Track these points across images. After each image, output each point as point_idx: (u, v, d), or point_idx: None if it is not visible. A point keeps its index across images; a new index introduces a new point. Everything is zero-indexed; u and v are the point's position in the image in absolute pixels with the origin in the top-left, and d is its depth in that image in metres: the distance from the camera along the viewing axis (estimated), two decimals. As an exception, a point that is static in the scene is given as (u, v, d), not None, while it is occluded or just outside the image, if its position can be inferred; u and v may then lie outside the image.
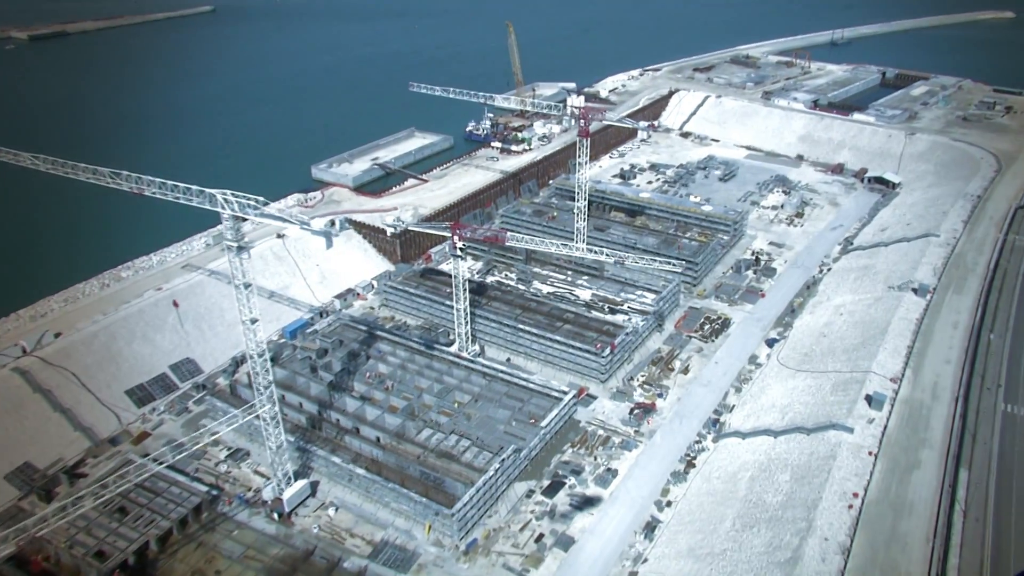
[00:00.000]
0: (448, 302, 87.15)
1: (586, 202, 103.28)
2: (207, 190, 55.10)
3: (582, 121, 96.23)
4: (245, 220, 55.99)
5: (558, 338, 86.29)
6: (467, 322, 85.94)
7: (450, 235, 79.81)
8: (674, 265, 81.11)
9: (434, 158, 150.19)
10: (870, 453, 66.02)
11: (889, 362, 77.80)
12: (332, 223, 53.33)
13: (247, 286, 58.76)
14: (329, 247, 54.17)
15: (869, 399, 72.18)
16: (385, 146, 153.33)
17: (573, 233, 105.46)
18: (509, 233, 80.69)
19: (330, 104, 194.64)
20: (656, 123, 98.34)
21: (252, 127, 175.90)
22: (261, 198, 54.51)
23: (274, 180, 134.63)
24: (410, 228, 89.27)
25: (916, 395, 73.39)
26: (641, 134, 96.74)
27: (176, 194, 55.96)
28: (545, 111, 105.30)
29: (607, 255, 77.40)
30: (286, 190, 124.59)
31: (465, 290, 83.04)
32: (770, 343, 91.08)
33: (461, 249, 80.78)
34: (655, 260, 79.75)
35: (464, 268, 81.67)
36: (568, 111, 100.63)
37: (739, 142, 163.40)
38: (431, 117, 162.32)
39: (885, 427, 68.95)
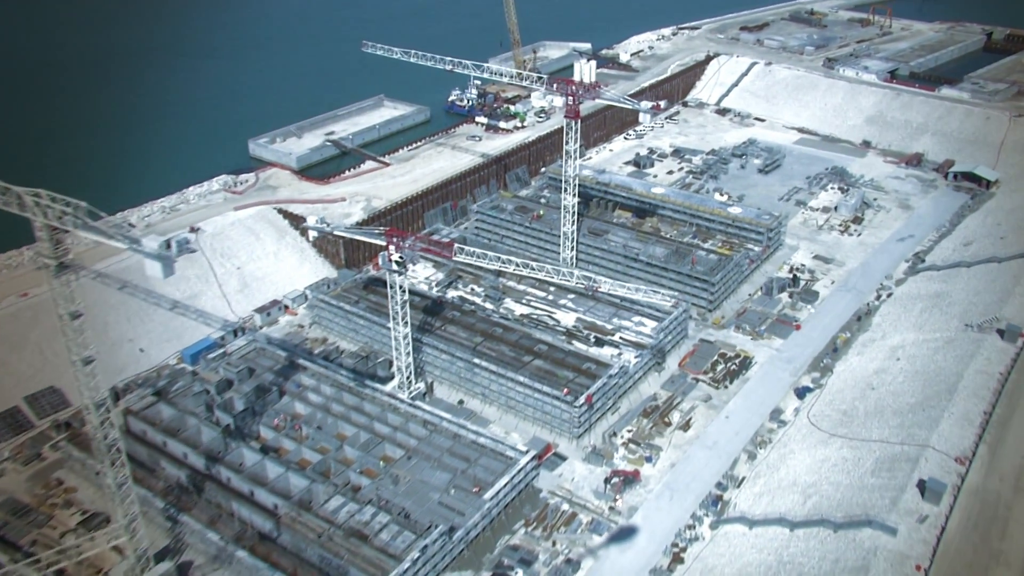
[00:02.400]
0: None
1: (575, 200, 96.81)
2: (14, 188, 47.99)
3: (570, 99, 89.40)
4: (66, 232, 48.80)
5: (520, 378, 79.68)
6: (409, 353, 79.52)
7: (385, 244, 72.94)
8: (663, 296, 72.21)
9: (405, 134, 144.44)
10: (918, 568, 57.45)
11: (956, 434, 69.56)
12: (167, 245, 45.69)
13: (75, 316, 51.82)
14: (168, 275, 46.86)
15: (923, 487, 63.79)
16: (345, 117, 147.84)
17: (560, 238, 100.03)
18: (459, 244, 73.12)
19: (284, 61, 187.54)
20: (662, 103, 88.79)
21: (183, 86, 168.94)
22: (84, 204, 47.23)
23: (200, 156, 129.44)
24: (336, 233, 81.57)
25: (991, 485, 64.98)
26: (643, 118, 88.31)
27: (-27, 190, 48.85)
28: (524, 83, 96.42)
29: (578, 280, 69.08)
30: (212, 170, 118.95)
31: (405, 312, 76.26)
32: (800, 393, 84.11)
33: (399, 262, 73.80)
34: (639, 290, 70.59)
35: (405, 284, 75.04)
36: (551, 85, 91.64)
37: (790, 122, 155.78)
38: (407, 82, 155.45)
39: (943, 530, 60.66)
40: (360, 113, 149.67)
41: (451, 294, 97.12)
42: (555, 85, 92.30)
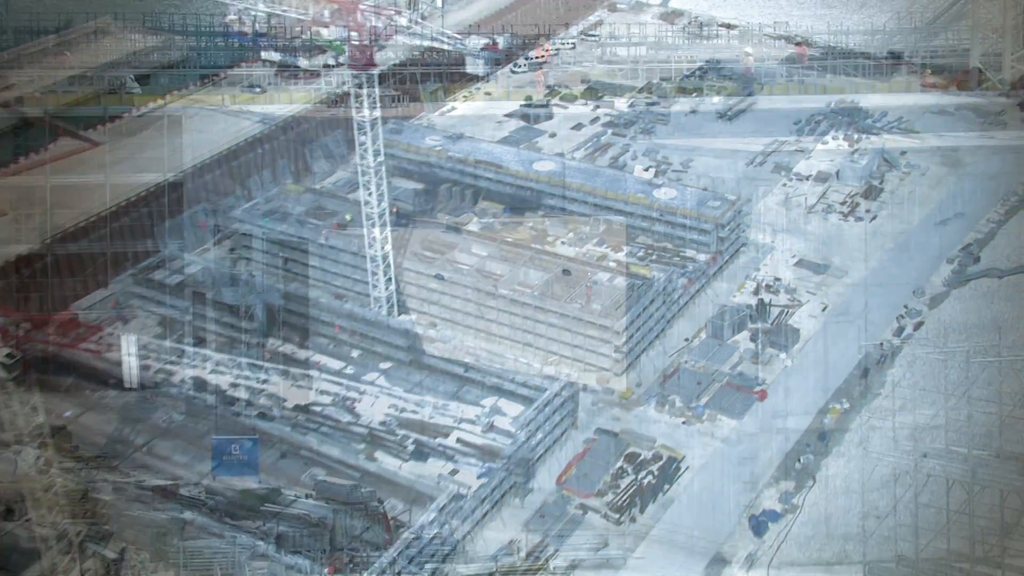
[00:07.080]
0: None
1: (384, 203, 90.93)
2: None
3: (355, 35, 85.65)
4: None
5: (261, 547, 70.97)
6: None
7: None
8: (478, 415, 64.56)
9: (141, 86, 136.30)
10: None
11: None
12: None
13: None
14: None
15: None
16: (37, 58, 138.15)
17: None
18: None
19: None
20: (499, 40, 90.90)
21: None
22: None
23: None
24: None
25: None
26: (472, 66, 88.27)
27: None
28: (275, 6, 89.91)
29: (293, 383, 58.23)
30: None
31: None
32: (759, 526, 78.39)
33: (6, 364, 65.07)
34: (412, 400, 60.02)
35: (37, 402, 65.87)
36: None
37: (777, 29, 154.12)
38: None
39: None
40: (60, 50, 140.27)
41: (181, 374, 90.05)
42: (327, 11, 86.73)
